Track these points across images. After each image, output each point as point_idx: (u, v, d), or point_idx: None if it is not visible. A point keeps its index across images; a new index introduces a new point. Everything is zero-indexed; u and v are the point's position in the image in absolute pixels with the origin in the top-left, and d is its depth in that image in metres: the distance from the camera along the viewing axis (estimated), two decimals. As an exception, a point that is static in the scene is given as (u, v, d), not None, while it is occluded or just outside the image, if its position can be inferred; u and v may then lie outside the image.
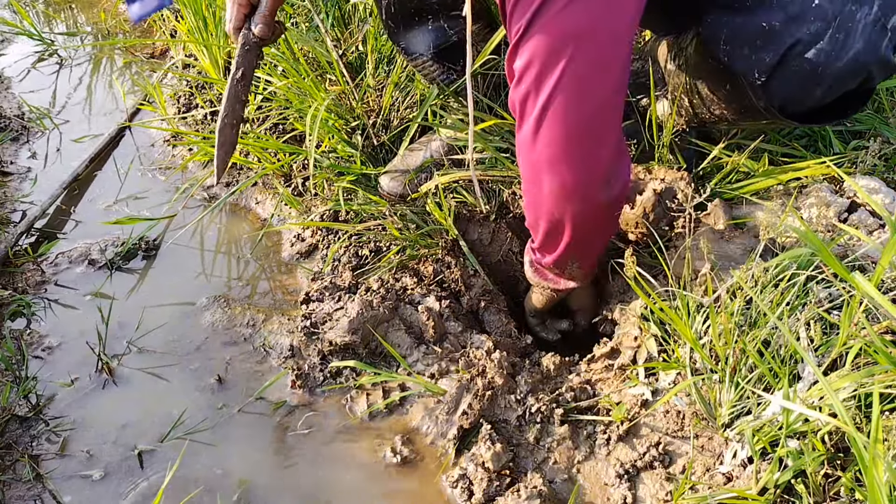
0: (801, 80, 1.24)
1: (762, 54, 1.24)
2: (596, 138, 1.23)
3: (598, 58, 1.15)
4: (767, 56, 1.24)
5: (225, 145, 1.63)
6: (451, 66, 1.77)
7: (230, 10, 1.52)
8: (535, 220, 1.40)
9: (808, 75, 1.22)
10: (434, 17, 1.69)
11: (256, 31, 1.51)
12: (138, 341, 1.74)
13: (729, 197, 1.56)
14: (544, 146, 1.22)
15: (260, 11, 1.51)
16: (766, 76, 1.26)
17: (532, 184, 1.31)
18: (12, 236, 1.98)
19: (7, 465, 1.49)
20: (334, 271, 1.85)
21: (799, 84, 1.25)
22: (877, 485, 0.91)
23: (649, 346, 1.44)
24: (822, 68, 1.20)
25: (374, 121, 2.00)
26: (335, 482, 1.45)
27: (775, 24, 1.22)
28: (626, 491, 1.32)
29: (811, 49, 1.20)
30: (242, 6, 1.51)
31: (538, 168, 1.27)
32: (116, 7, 3.05)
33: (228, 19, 1.54)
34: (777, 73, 1.25)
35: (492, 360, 1.50)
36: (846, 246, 1.38)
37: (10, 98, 2.58)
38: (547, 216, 1.34)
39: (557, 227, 1.35)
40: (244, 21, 1.53)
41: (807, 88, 1.25)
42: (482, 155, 1.79)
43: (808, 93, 1.26)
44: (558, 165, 1.24)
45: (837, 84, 1.23)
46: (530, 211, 1.40)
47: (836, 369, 1.19)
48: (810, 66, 1.21)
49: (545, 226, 1.37)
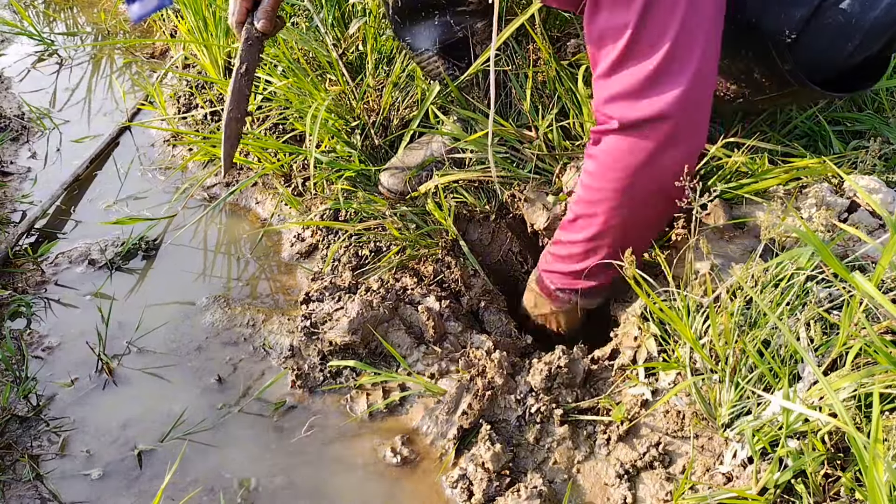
0: (832, 34, 1.22)
1: (793, 10, 1.23)
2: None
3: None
4: (799, 11, 1.22)
5: (231, 139, 1.67)
6: (456, 62, 1.77)
7: (233, 5, 1.55)
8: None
9: (840, 28, 1.20)
10: (440, 12, 1.69)
11: (259, 25, 1.54)
12: (138, 341, 1.74)
13: (729, 197, 1.56)
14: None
15: (262, 6, 1.54)
16: (797, 32, 1.24)
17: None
18: (12, 236, 1.98)
19: (7, 465, 1.49)
20: (334, 271, 1.85)
21: (829, 39, 1.23)
22: (877, 485, 0.91)
23: (649, 346, 1.44)
24: (856, 20, 1.19)
25: (374, 120, 2.00)
26: (335, 482, 1.45)
27: None
28: (626, 491, 1.32)
29: (844, 0, 1.19)
30: (245, 1, 1.54)
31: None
32: (116, 7, 3.04)
33: (231, 13, 1.56)
34: (809, 28, 1.23)
35: (492, 360, 1.50)
36: (846, 246, 1.38)
37: (10, 98, 2.58)
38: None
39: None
40: (247, 15, 1.55)
41: (837, 43, 1.23)
42: (482, 155, 1.79)
43: (837, 48, 1.23)
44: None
45: (869, 38, 1.21)
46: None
47: (836, 369, 1.19)
48: (844, 17, 1.19)
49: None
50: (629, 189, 1.31)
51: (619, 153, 1.28)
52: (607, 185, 1.33)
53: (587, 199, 1.38)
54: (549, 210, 1.71)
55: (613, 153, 1.29)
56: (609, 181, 1.32)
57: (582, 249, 1.44)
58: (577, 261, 1.46)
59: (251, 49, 1.63)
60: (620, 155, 1.28)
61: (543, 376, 1.46)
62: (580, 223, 1.41)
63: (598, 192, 1.35)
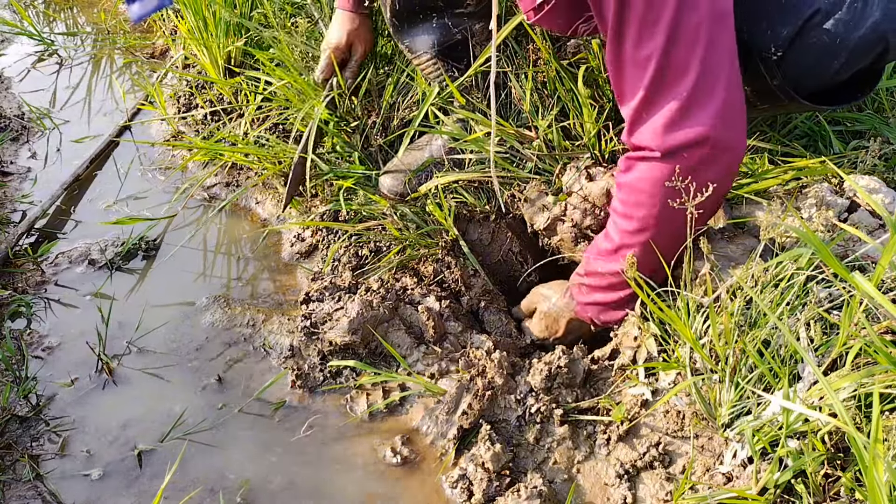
0: (818, 53, 1.23)
1: (779, 28, 1.23)
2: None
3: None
4: (785, 29, 1.23)
5: (297, 180, 1.91)
6: (455, 64, 1.77)
7: (323, 62, 1.87)
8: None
9: (826, 47, 1.21)
10: (438, 15, 1.70)
11: (349, 83, 1.90)
12: (138, 341, 1.74)
13: (729, 197, 1.56)
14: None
15: (350, 66, 1.90)
16: (783, 50, 1.24)
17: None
18: (12, 236, 1.98)
19: (7, 465, 1.49)
20: (334, 271, 1.85)
21: (816, 57, 1.23)
22: (877, 485, 0.91)
23: (649, 346, 1.44)
24: (841, 39, 1.19)
25: (373, 121, 2.00)
26: (335, 482, 1.45)
27: None
28: (626, 491, 1.32)
29: (829, 19, 1.20)
30: (334, 60, 1.85)
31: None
32: (116, 7, 3.04)
33: (320, 70, 1.88)
34: (794, 47, 1.24)
35: (492, 360, 1.50)
36: (846, 246, 1.38)
37: (10, 98, 2.58)
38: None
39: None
40: (332, 73, 1.86)
41: (823, 61, 1.23)
42: (481, 155, 1.79)
43: (824, 66, 1.24)
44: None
45: (855, 56, 1.22)
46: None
47: (836, 369, 1.19)
48: (828, 37, 1.20)
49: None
50: (672, 214, 1.29)
51: (659, 180, 1.28)
52: (649, 212, 1.33)
53: (629, 229, 1.37)
54: (549, 210, 1.71)
55: (653, 181, 1.29)
56: (651, 208, 1.32)
57: (620, 280, 1.41)
58: (621, 289, 1.44)
59: (332, 102, 1.91)
60: (660, 182, 1.27)
61: (543, 376, 1.46)
62: (623, 252, 1.38)
63: (641, 220, 1.35)
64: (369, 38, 1.85)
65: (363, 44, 1.87)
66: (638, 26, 1.19)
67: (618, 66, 1.25)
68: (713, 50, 1.18)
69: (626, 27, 1.20)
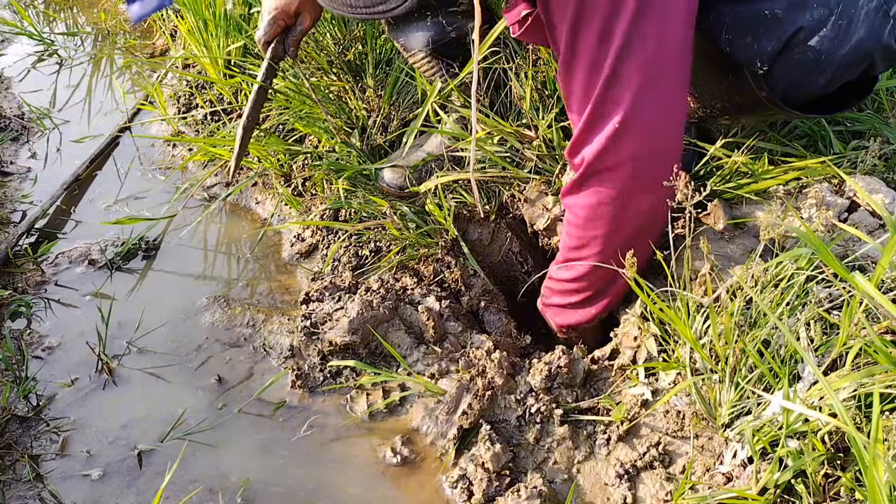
0: (803, 69, 1.23)
1: (765, 42, 1.24)
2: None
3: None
4: (770, 44, 1.23)
5: (244, 146, 1.83)
6: (450, 62, 1.77)
7: (266, 25, 1.69)
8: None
9: (811, 63, 1.22)
10: (432, 13, 1.70)
11: (290, 52, 1.72)
12: (138, 341, 1.74)
13: (729, 197, 1.56)
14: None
15: (294, 34, 1.71)
16: (768, 65, 1.25)
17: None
18: (13, 236, 1.98)
19: (7, 465, 1.49)
20: (334, 271, 1.85)
21: (801, 73, 1.24)
22: (877, 485, 0.91)
23: (649, 346, 1.44)
24: (825, 56, 1.20)
25: (374, 120, 2.00)
26: (335, 482, 1.45)
27: (778, 12, 1.22)
28: (626, 491, 1.32)
29: (814, 36, 1.20)
30: (280, 25, 1.69)
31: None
32: (116, 7, 3.05)
33: (263, 32, 1.70)
34: (780, 62, 1.24)
35: (492, 360, 1.50)
36: (846, 246, 1.38)
37: (10, 98, 2.58)
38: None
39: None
40: (276, 37, 1.70)
41: (809, 77, 1.24)
42: (481, 155, 1.79)
43: (810, 81, 1.25)
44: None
45: (840, 72, 1.22)
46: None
47: (836, 369, 1.19)
48: (813, 53, 1.21)
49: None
50: (611, 234, 1.40)
51: (594, 202, 1.38)
52: (588, 233, 1.43)
53: (573, 245, 1.48)
54: (549, 210, 1.71)
55: (591, 204, 1.39)
56: (591, 230, 1.42)
57: (574, 287, 1.52)
58: (571, 294, 1.54)
59: (272, 68, 1.78)
60: (596, 204, 1.38)
61: (543, 376, 1.46)
62: (571, 264, 1.50)
63: (581, 239, 1.45)
64: (317, 14, 1.72)
65: (311, 16, 1.72)
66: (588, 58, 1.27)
67: (569, 90, 1.34)
68: (654, 78, 1.25)
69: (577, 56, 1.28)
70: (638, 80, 1.24)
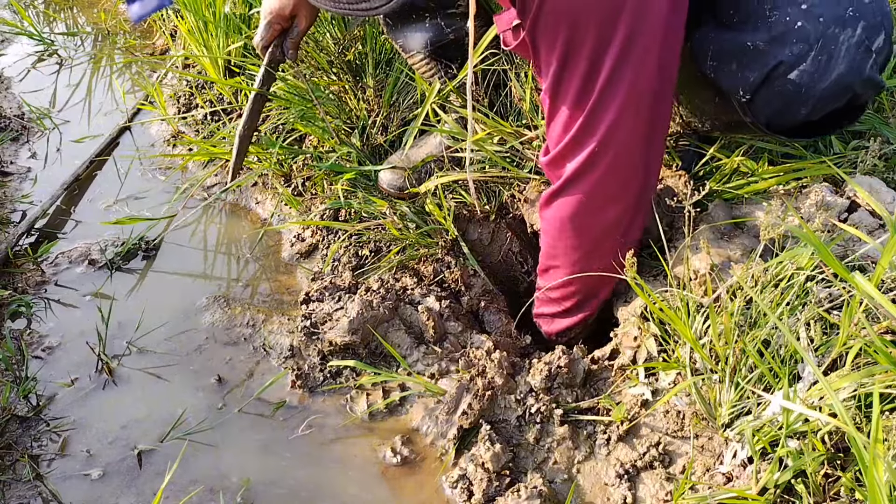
0: (785, 100, 1.25)
1: (747, 73, 1.25)
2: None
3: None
4: (752, 75, 1.25)
5: (243, 152, 1.84)
6: (448, 63, 1.77)
7: (262, 30, 1.70)
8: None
9: (792, 95, 1.23)
10: (431, 14, 1.70)
11: (289, 55, 1.71)
12: (138, 341, 1.74)
13: (729, 197, 1.56)
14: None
15: (292, 37, 1.71)
16: (750, 94, 1.27)
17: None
18: (12, 236, 1.98)
19: (7, 465, 1.49)
20: (334, 271, 1.85)
21: (783, 104, 1.26)
22: (877, 485, 0.91)
23: (649, 346, 1.44)
24: (806, 89, 1.21)
25: (374, 120, 2.00)
26: (335, 482, 1.45)
27: (759, 45, 1.23)
28: (626, 491, 1.32)
29: (794, 70, 1.21)
30: (276, 29, 1.69)
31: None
32: (116, 7, 3.05)
33: (260, 37, 1.71)
34: (761, 92, 1.26)
35: (492, 360, 1.50)
36: (846, 246, 1.38)
37: (10, 98, 2.58)
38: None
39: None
40: (273, 41, 1.71)
41: (791, 108, 1.26)
42: (481, 155, 1.79)
43: (792, 112, 1.26)
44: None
45: (821, 104, 1.23)
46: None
47: (836, 369, 1.19)
48: (793, 87, 1.22)
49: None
50: (581, 245, 1.45)
51: (565, 215, 1.43)
52: (561, 243, 1.48)
53: (551, 254, 1.53)
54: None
55: (561, 216, 1.43)
56: (563, 240, 1.47)
57: (557, 295, 1.57)
58: (557, 303, 1.59)
59: (270, 74, 1.78)
60: (567, 216, 1.42)
61: (543, 376, 1.46)
62: (550, 273, 1.55)
63: (555, 248, 1.50)
64: (313, 15, 1.73)
65: (307, 18, 1.73)
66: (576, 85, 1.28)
67: (550, 114, 1.36)
68: (625, 120, 1.27)
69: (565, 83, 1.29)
70: (621, 103, 1.25)
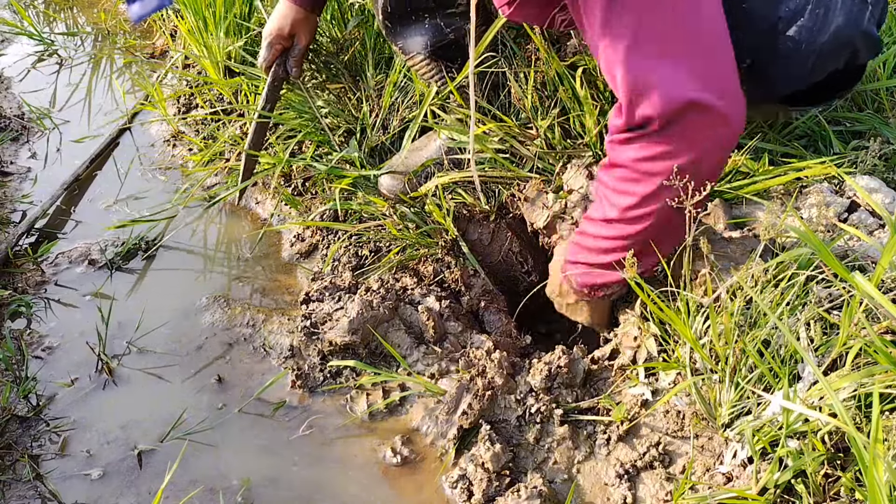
0: (785, 60, 1.24)
1: (746, 37, 1.24)
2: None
3: None
4: (751, 38, 1.23)
5: (250, 170, 1.93)
6: (449, 63, 1.77)
7: (265, 50, 1.78)
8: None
9: (792, 53, 1.22)
10: (430, 15, 1.70)
11: (293, 73, 1.81)
12: (138, 341, 1.74)
13: (729, 197, 1.56)
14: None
15: (294, 55, 1.79)
16: (751, 58, 1.26)
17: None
18: (12, 236, 1.98)
19: (7, 465, 1.49)
20: (334, 271, 1.85)
21: (784, 64, 1.25)
22: (877, 485, 0.91)
23: (649, 346, 1.44)
24: (806, 45, 1.21)
25: (373, 121, 2.00)
26: (335, 482, 1.45)
27: (757, 4, 1.22)
28: (626, 491, 1.32)
29: (792, 26, 1.21)
30: (278, 49, 1.76)
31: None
32: (116, 7, 3.04)
33: (263, 58, 1.79)
34: (762, 54, 1.25)
35: (492, 360, 1.50)
36: (846, 246, 1.38)
37: (10, 98, 2.58)
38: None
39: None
40: (275, 60, 1.79)
41: (792, 67, 1.25)
42: (482, 155, 1.79)
43: (793, 72, 1.25)
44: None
45: (822, 61, 1.23)
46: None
47: (836, 369, 1.19)
48: (793, 43, 1.21)
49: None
50: (668, 191, 1.25)
51: (656, 156, 1.25)
52: (646, 189, 1.28)
53: (627, 204, 1.32)
54: (549, 209, 1.71)
55: (649, 157, 1.26)
56: (648, 186, 1.28)
57: (612, 246, 1.37)
58: (606, 253, 1.39)
59: (276, 90, 1.85)
60: (657, 158, 1.25)
61: (543, 376, 1.46)
62: (615, 224, 1.36)
63: (639, 196, 1.30)
64: (312, 32, 1.78)
65: (306, 35, 1.81)
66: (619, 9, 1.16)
67: (609, 48, 1.21)
68: (703, 22, 1.16)
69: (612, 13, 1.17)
70: (693, 14, 1.16)
